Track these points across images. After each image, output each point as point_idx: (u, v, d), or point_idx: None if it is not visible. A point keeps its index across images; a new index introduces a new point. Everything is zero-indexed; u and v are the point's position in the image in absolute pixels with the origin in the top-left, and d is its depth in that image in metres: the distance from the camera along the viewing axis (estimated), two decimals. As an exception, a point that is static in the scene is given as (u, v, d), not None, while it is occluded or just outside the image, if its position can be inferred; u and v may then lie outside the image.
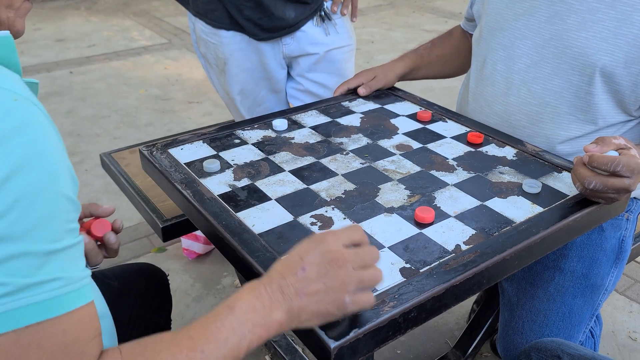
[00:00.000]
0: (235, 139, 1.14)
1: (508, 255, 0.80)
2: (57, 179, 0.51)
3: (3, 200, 0.47)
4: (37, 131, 0.50)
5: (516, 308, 1.13)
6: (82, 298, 0.53)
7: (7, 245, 0.48)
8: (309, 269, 0.61)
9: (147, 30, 5.00)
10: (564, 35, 1.07)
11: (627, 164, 0.82)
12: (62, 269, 0.51)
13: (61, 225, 0.52)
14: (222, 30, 1.47)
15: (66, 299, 0.51)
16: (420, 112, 1.23)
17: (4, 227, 0.47)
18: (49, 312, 0.50)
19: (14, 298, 0.48)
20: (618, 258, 1.16)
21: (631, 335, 1.66)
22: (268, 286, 0.61)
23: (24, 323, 0.49)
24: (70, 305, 0.52)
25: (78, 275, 0.53)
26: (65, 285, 0.51)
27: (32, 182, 0.49)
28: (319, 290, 0.60)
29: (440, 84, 3.53)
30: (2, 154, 0.48)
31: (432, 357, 1.51)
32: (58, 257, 0.51)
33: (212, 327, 0.57)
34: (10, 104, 0.50)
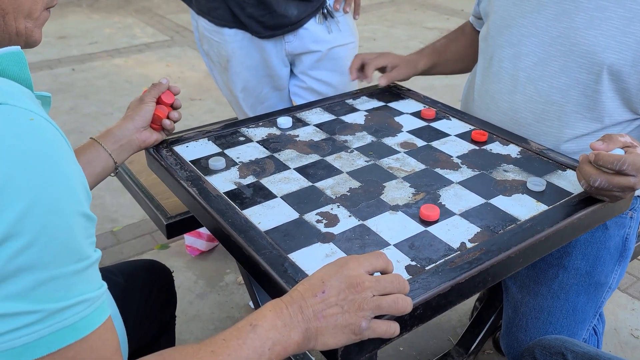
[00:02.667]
0: (240, 137, 1.14)
1: (513, 253, 0.80)
2: (76, 199, 0.52)
3: (29, 229, 0.47)
4: (55, 151, 0.50)
5: (520, 305, 1.13)
6: (103, 314, 0.54)
7: (36, 273, 0.48)
8: (328, 291, 0.62)
9: (149, 27, 4.99)
10: (572, 33, 1.07)
11: (633, 162, 0.82)
12: (86, 289, 0.52)
13: (83, 243, 0.52)
14: (225, 28, 1.47)
15: (91, 317, 0.53)
16: (425, 110, 1.23)
17: (32, 256, 0.48)
18: (78, 333, 0.51)
19: (45, 324, 0.49)
20: (622, 256, 1.16)
21: (633, 333, 1.66)
22: (290, 306, 0.62)
23: (56, 347, 0.50)
24: (95, 324, 0.53)
25: (98, 293, 0.54)
26: (90, 305, 0.52)
27: (54, 208, 0.49)
28: (336, 313, 0.61)
29: (441, 82, 3.52)
30: (23, 180, 0.47)
31: (434, 355, 1.52)
32: (83, 276, 0.52)
33: (234, 343, 0.58)
34: (27, 125, 0.49)
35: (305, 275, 0.75)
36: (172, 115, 1.05)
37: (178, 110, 1.07)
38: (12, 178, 0.46)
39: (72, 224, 0.51)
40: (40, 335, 0.49)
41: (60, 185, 0.50)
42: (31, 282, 0.48)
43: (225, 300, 1.78)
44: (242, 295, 1.80)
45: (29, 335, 0.48)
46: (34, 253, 0.48)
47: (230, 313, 1.73)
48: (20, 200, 0.47)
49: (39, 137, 0.49)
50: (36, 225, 0.48)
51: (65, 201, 0.50)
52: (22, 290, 0.48)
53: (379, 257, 0.65)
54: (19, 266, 0.47)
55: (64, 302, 0.50)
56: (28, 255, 0.47)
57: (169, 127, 1.05)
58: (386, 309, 0.63)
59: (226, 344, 0.58)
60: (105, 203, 2.32)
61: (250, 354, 0.58)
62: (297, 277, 0.74)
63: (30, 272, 0.48)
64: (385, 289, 0.63)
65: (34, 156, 0.48)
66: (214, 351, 0.57)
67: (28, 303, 0.48)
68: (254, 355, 0.58)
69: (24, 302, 0.48)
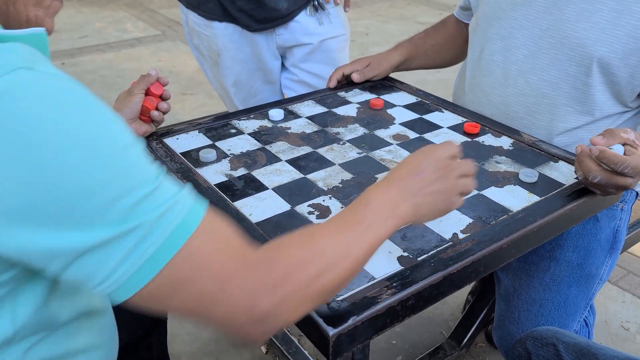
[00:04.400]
0: (231, 129, 1.13)
1: (505, 243, 0.80)
2: (118, 133, 0.52)
3: (108, 167, 0.49)
4: (82, 100, 0.51)
5: (512, 298, 1.13)
6: (202, 204, 0.55)
7: (128, 196, 0.49)
8: (425, 173, 0.69)
9: (140, 21, 4.96)
10: (562, 26, 1.07)
11: (636, 166, 0.82)
12: (173, 191, 0.53)
13: (147, 161, 0.54)
14: (215, 21, 1.45)
15: (194, 209, 0.54)
16: (373, 101, 1.24)
17: (118, 188, 0.49)
18: (191, 226, 0.52)
19: (157, 232, 0.50)
20: (612, 248, 1.17)
21: (624, 325, 1.67)
22: (392, 186, 0.68)
23: (177, 246, 0.51)
24: (200, 213, 0.54)
25: (185, 190, 0.55)
26: (187, 201, 0.54)
27: (116, 139, 0.51)
28: (435, 190, 0.69)
29: (435, 76, 3.52)
30: (84, 132, 0.49)
31: (427, 348, 1.52)
32: (164, 184, 0.53)
33: (352, 219, 0.63)
34: (60, 85, 0.50)
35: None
36: (161, 107, 1.05)
37: (167, 102, 1.06)
38: (76, 134, 0.48)
39: (136, 146, 0.53)
40: (160, 242, 0.50)
41: (113, 121, 0.52)
42: (129, 203, 0.49)
43: (217, 294, 1.77)
44: (235, 289, 1.79)
45: (150, 245, 0.50)
46: (117, 185, 0.49)
47: (222, 307, 1.72)
48: (85, 147, 0.48)
49: (77, 91, 0.51)
50: (128, 160, 0.51)
51: (123, 131, 0.52)
52: (119, 217, 0.49)
53: (453, 145, 0.74)
54: (109, 199, 0.48)
55: (161, 208, 0.51)
56: (114, 189, 0.49)
57: (158, 118, 1.04)
58: (465, 189, 0.73)
59: (345, 219, 0.63)
60: (96, 198, 2.30)
61: (369, 225, 0.63)
62: (289, 268, 0.74)
63: (125, 197, 0.49)
64: (464, 171, 0.73)
65: (83, 107, 0.50)
66: (341, 228, 0.62)
67: (130, 221, 0.49)
68: (374, 225, 0.63)
69: (125, 223, 0.49)
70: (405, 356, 1.54)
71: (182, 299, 0.52)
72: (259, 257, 0.56)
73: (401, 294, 0.70)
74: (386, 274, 0.73)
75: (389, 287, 0.70)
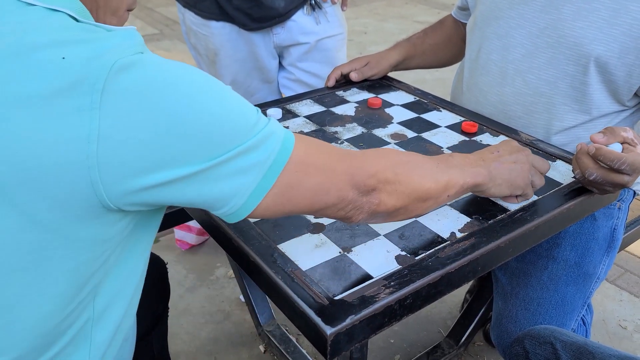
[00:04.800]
0: (229, 128, 1.13)
1: (503, 242, 0.80)
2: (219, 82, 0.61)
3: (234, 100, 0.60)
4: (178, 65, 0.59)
5: (510, 297, 1.13)
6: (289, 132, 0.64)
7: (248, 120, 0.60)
8: (502, 151, 0.82)
9: (138, 20, 4.95)
10: (559, 25, 1.07)
11: (632, 163, 0.83)
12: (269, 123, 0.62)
13: (247, 104, 0.63)
14: (211, 21, 1.45)
15: (289, 134, 0.63)
16: (372, 99, 1.24)
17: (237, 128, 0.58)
18: (292, 137, 0.62)
19: (270, 144, 0.60)
20: (610, 247, 1.17)
21: (621, 324, 1.68)
22: (471, 156, 0.80)
23: (289, 151, 0.61)
24: (292, 137, 0.63)
25: (274, 121, 0.64)
26: (276, 122, 0.63)
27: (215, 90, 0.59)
28: (511, 165, 0.81)
29: (433, 76, 3.53)
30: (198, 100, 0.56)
31: (425, 347, 1.52)
32: (262, 118, 0.62)
33: (442, 159, 0.75)
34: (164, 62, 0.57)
35: (295, 265, 0.74)
36: None
37: None
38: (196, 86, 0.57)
39: (232, 93, 0.61)
40: (276, 151, 0.60)
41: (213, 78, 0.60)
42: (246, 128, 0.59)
43: (215, 294, 1.78)
44: (233, 288, 1.79)
45: (270, 154, 0.59)
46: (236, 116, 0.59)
47: (220, 307, 1.72)
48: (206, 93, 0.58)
49: (177, 66, 0.58)
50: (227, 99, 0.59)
51: (217, 83, 0.60)
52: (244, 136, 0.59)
53: None
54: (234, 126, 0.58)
55: (269, 127, 0.61)
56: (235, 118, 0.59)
57: None
58: (538, 180, 0.86)
59: (431, 159, 0.74)
60: (94, 197, 2.30)
61: (455, 168, 0.75)
62: (287, 267, 0.74)
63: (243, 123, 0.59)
64: (539, 164, 0.87)
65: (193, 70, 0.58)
66: (437, 164, 0.74)
67: (253, 137, 0.59)
68: (458, 169, 0.75)
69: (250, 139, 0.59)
70: (403, 355, 1.55)
71: (301, 195, 0.62)
72: (349, 150, 0.68)
73: (399, 293, 0.70)
74: (384, 273, 0.73)
75: (387, 286, 0.70)
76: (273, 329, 1.54)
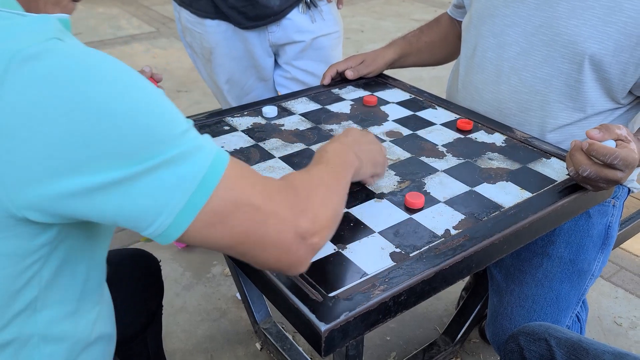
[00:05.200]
0: (225, 126, 1.13)
1: (497, 239, 0.80)
2: (150, 84, 0.56)
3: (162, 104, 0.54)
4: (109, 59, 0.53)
5: (505, 294, 1.14)
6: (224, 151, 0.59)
7: (174, 128, 0.53)
8: (352, 135, 0.83)
9: (134, 18, 4.94)
10: (554, 23, 1.07)
11: (625, 158, 0.83)
12: (204, 138, 0.57)
13: (178, 112, 0.57)
14: (207, 19, 1.45)
15: (220, 149, 0.57)
16: (367, 98, 1.24)
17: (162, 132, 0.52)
18: (225, 157, 0.56)
19: (199, 159, 0.54)
20: (604, 244, 1.17)
21: (616, 321, 1.68)
22: (332, 144, 0.79)
23: (220, 172, 0.55)
24: (226, 157, 0.57)
25: (207, 137, 0.59)
26: (212, 144, 0.57)
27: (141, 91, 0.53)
28: (366, 144, 0.84)
29: (429, 74, 3.53)
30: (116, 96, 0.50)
31: (421, 344, 1.52)
32: (192, 131, 0.56)
33: (330, 164, 0.73)
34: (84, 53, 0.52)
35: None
36: None
37: None
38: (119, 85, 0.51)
39: (161, 97, 0.55)
40: (205, 168, 0.54)
41: (142, 77, 0.55)
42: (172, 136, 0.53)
43: (212, 291, 1.78)
44: (229, 286, 1.79)
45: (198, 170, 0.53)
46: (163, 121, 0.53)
47: (217, 304, 1.72)
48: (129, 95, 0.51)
49: (106, 56, 0.53)
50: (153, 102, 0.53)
51: (150, 84, 0.55)
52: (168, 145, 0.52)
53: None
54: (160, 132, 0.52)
55: (199, 140, 0.55)
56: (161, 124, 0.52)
57: None
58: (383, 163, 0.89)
59: (320, 164, 0.72)
60: (91, 195, 2.29)
61: (340, 162, 0.74)
62: (282, 264, 0.74)
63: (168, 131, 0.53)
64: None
65: (116, 65, 0.52)
66: (318, 167, 0.71)
67: (179, 147, 0.53)
68: (338, 168, 0.73)
69: (174, 149, 0.52)
70: (400, 352, 1.55)
71: (233, 224, 0.55)
72: (282, 184, 0.62)
73: (393, 290, 0.70)
74: (378, 270, 0.73)
75: (382, 283, 0.71)
76: (269, 326, 1.54)
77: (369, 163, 0.83)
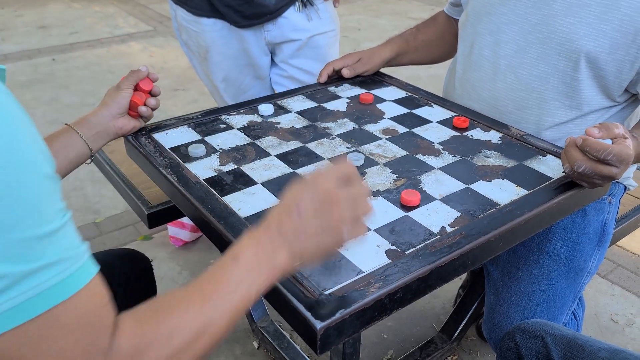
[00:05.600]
0: (221, 124, 1.13)
1: (492, 237, 0.80)
2: (35, 161, 0.50)
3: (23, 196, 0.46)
4: (4, 117, 0.47)
5: (501, 291, 1.14)
6: (90, 270, 0.53)
7: (1, 235, 0.46)
8: (304, 211, 0.61)
9: (131, 17, 4.93)
10: (550, 21, 1.07)
11: (619, 154, 0.83)
12: (62, 249, 0.50)
13: (50, 206, 0.50)
14: (202, 17, 1.45)
15: (77, 275, 0.51)
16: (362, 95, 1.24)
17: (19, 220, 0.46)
18: (65, 293, 0.49)
19: (22, 288, 0.47)
20: (600, 241, 1.18)
21: (613, 318, 1.69)
22: (267, 232, 0.62)
23: (40, 310, 0.48)
24: (82, 281, 0.51)
25: (79, 251, 0.52)
26: (73, 264, 0.51)
27: (11, 172, 0.47)
28: (317, 230, 0.61)
29: (427, 72, 3.53)
30: None
31: (418, 342, 1.53)
32: (55, 237, 0.50)
33: (220, 280, 0.59)
34: None
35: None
36: (149, 102, 1.04)
37: (157, 98, 1.06)
38: None
39: (35, 184, 0.49)
40: (20, 300, 0.47)
41: (16, 148, 0.48)
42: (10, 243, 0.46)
43: (209, 290, 1.77)
44: (226, 285, 1.79)
45: (9, 300, 0.46)
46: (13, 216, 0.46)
47: (214, 303, 1.72)
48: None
49: None
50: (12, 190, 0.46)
51: (24, 164, 0.48)
52: None
53: (344, 165, 0.65)
54: None
55: (37, 262, 0.48)
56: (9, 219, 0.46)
57: (146, 113, 1.04)
58: (361, 214, 0.64)
59: (213, 281, 0.59)
60: (87, 194, 2.29)
61: (238, 286, 0.59)
62: (277, 262, 0.74)
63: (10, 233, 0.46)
64: (356, 197, 0.64)
65: None
66: (203, 290, 0.58)
67: (14, 261, 0.46)
68: (241, 288, 0.59)
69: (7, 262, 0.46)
70: (397, 350, 1.55)
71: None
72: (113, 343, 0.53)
73: (389, 287, 0.70)
74: (374, 268, 0.73)
75: (377, 281, 0.71)
76: (267, 325, 1.54)
77: (317, 256, 0.63)
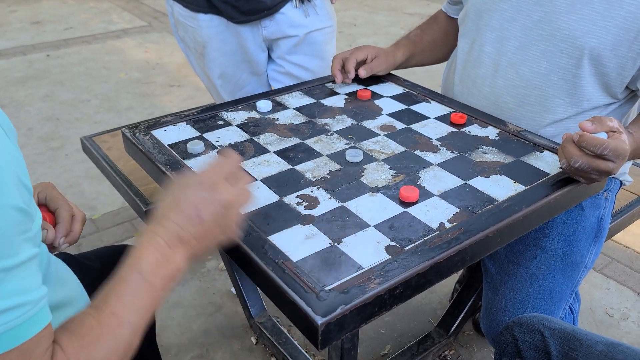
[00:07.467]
0: (219, 120, 1.13)
1: (491, 232, 0.81)
2: (5, 192, 0.48)
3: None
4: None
5: (499, 286, 1.15)
6: (44, 319, 0.52)
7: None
8: (206, 219, 0.66)
9: (126, 12, 4.90)
10: (553, 18, 1.08)
11: (615, 149, 0.83)
12: (22, 290, 0.49)
13: (14, 238, 0.49)
14: (199, 13, 1.44)
15: (29, 324, 0.50)
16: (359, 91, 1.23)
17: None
18: (14, 341, 0.48)
19: None
20: (597, 236, 1.18)
21: (608, 312, 1.70)
22: (166, 237, 0.64)
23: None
24: (34, 330, 0.50)
25: (38, 295, 0.51)
26: (28, 311, 0.50)
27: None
28: (216, 233, 0.68)
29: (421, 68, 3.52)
30: None
31: (415, 337, 1.53)
32: (16, 274, 0.49)
33: (128, 296, 0.60)
34: None
35: (286, 257, 0.75)
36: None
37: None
38: None
39: (13, 213, 0.48)
40: None
41: None
42: None
43: (207, 286, 1.78)
44: (224, 281, 1.80)
45: None
46: None
47: (212, 299, 1.72)
48: None
49: None
50: None
51: None
52: None
53: (226, 164, 0.71)
54: None
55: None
56: None
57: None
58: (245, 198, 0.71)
59: (121, 300, 0.60)
60: (84, 191, 2.29)
61: (144, 297, 0.61)
62: (277, 259, 0.74)
63: None
64: (243, 196, 0.71)
65: None
66: (114, 312, 0.59)
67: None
68: (147, 297, 0.61)
69: None
70: (394, 345, 1.56)
71: None
72: None
73: (389, 283, 0.70)
74: (374, 263, 0.74)
75: (377, 277, 0.71)
76: (264, 320, 1.54)
77: (210, 247, 0.68)
